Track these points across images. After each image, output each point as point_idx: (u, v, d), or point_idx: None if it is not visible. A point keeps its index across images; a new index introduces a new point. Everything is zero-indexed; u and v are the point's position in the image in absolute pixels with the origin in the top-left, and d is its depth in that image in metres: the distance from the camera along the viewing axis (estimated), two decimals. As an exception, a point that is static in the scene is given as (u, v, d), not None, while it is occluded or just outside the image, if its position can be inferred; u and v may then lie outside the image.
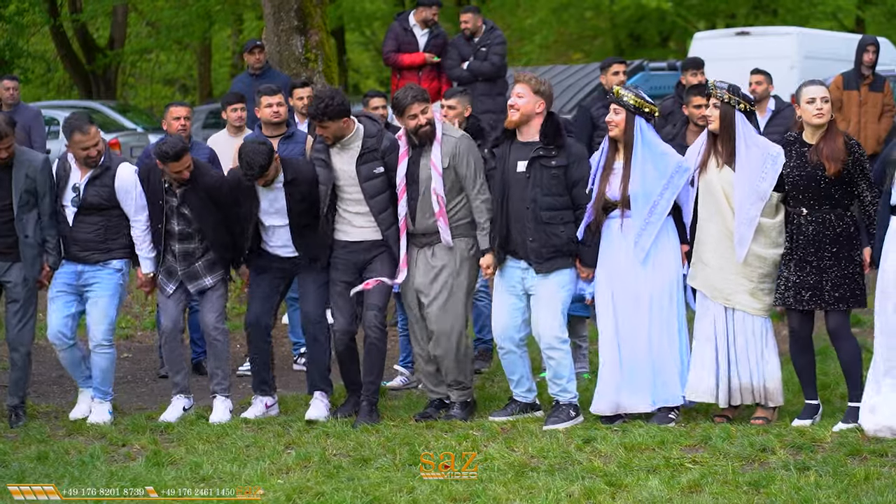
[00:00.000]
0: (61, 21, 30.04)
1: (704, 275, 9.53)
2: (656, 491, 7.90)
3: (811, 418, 9.42)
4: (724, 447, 8.74)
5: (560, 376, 9.75)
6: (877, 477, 8.04)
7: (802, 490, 7.80)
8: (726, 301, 9.46)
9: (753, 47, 21.79)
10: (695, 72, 14.33)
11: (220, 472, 8.61)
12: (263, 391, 10.32)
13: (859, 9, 34.07)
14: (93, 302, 10.11)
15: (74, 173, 10.05)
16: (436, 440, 9.22)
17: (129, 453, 9.26)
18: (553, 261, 9.65)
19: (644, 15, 34.10)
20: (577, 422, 9.66)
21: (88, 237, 10.03)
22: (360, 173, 9.90)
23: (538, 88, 9.68)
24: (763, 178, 9.32)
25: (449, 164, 9.80)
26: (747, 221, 9.32)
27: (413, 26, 15.72)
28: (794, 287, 9.31)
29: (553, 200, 9.63)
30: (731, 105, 9.39)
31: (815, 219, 9.28)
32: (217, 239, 10.15)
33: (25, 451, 9.27)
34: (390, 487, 8.15)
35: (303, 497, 8.02)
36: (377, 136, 9.99)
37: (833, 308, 9.27)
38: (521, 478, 8.29)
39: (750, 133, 9.43)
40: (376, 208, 9.92)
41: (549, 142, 9.66)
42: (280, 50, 15.06)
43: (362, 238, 10.02)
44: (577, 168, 9.66)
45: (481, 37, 15.80)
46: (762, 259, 9.40)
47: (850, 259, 9.27)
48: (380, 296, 9.98)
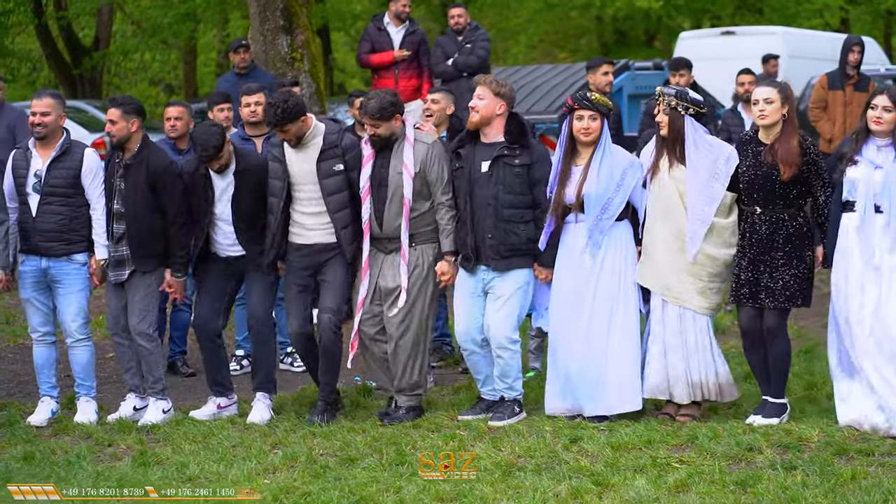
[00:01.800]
0: (46, 20, 29.95)
1: (654, 273, 9.60)
2: (643, 490, 7.90)
3: (762, 413, 9.54)
4: (710, 447, 8.75)
5: (507, 375, 9.84)
6: (863, 476, 8.06)
7: (789, 489, 7.81)
8: (676, 299, 9.54)
9: (739, 47, 21.84)
10: (682, 71, 14.35)
11: (206, 472, 8.60)
12: (217, 392, 10.29)
13: (843, 9, 34.10)
14: (64, 299, 10.08)
15: (35, 160, 10.00)
16: (423, 440, 9.21)
17: (115, 453, 9.23)
18: (510, 259, 9.73)
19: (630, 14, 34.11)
20: (521, 418, 9.77)
21: (51, 227, 9.95)
22: (320, 170, 9.89)
23: (498, 91, 9.77)
24: (716, 178, 9.43)
25: (420, 168, 9.81)
26: (700, 221, 9.42)
27: (387, 25, 15.75)
28: (747, 284, 9.44)
29: (514, 199, 9.70)
30: (678, 111, 9.51)
31: (769, 218, 9.41)
32: (137, 226, 9.98)
33: (11, 451, 9.25)
34: (377, 487, 8.15)
35: (290, 497, 8.01)
36: (338, 133, 9.99)
37: (781, 306, 9.41)
38: (509, 477, 8.29)
39: (700, 136, 9.53)
40: (332, 206, 9.90)
41: (514, 140, 9.74)
42: (266, 49, 15.08)
43: (315, 241, 10.01)
44: (540, 168, 9.74)
45: (466, 34, 15.84)
46: (713, 259, 9.49)
47: (802, 259, 9.41)
48: (333, 298, 9.97)
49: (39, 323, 10.16)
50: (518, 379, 9.86)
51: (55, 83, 32.84)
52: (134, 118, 9.94)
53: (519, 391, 9.87)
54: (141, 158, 9.92)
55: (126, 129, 9.94)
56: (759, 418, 9.42)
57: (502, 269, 9.72)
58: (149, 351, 10.08)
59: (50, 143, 10.01)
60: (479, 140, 9.85)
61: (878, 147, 9.22)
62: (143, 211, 9.94)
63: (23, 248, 10.10)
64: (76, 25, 32.84)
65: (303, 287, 10.06)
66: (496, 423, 9.65)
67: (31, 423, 10.03)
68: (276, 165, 9.99)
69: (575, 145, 9.70)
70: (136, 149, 9.96)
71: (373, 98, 9.86)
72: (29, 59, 33.15)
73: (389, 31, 15.69)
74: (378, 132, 9.81)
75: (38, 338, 10.21)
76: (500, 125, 9.79)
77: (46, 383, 10.25)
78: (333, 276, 9.98)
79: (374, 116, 9.77)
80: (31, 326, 10.25)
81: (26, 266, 10.09)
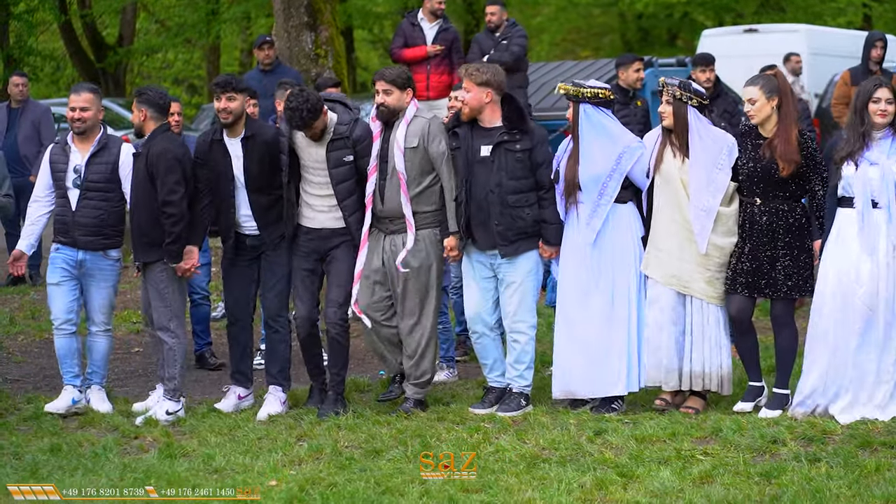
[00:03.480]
0: (70, 18, 30.07)
1: (659, 262, 9.67)
2: (668, 482, 7.93)
3: (755, 399, 9.64)
4: (734, 439, 8.76)
5: (521, 361, 9.91)
6: (887, 468, 8.08)
7: (814, 481, 7.83)
8: (683, 288, 9.61)
9: (761, 44, 21.80)
10: (704, 68, 14.36)
11: (232, 463, 8.64)
12: (238, 381, 10.34)
13: (865, 6, 34.04)
14: (95, 291, 10.17)
15: (74, 155, 10.10)
16: (447, 432, 9.24)
17: (141, 445, 9.28)
18: (518, 243, 9.81)
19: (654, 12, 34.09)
20: (527, 410, 9.81)
21: (90, 221, 10.04)
22: (330, 160, 9.93)
23: (480, 80, 9.85)
24: (719, 168, 9.52)
25: (419, 143, 9.86)
26: (706, 212, 9.49)
27: (421, 20, 15.70)
28: (746, 274, 9.51)
29: (518, 184, 9.77)
30: (682, 101, 9.59)
31: (769, 209, 9.50)
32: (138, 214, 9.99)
33: (38, 443, 9.29)
34: (402, 479, 8.18)
35: (315, 488, 8.05)
36: (349, 124, 10.00)
37: (784, 296, 9.49)
38: (533, 469, 8.33)
39: (703, 126, 9.63)
40: (342, 195, 9.95)
41: (514, 126, 9.81)
42: (290, 46, 15.09)
43: (323, 225, 10.05)
44: (541, 150, 9.84)
45: (503, 31, 15.80)
46: (719, 248, 9.57)
47: (802, 248, 9.51)
48: (340, 291, 10.00)
49: (62, 311, 10.18)
50: (530, 368, 9.93)
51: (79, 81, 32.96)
52: (144, 108, 9.96)
53: (528, 381, 9.94)
54: (147, 147, 9.94)
55: (138, 118, 10.00)
56: (764, 410, 9.46)
57: (511, 253, 9.80)
58: (168, 346, 10.05)
59: (88, 137, 10.10)
60: (476, 123, 9.93)
61: (874, 141, 9.26)
62: (144, 198, 9.92)
63: (59, 240, 10.17)
64: (100, 24, 32.96)
65: (310, 271, 10.12)
66: (502, 415, 9.71)
67: (48, 409, 10.10)
68: (285, 141, 10.04)
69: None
70: (146, 138, 10.00)
71: (390, 68, 10.05)
72: (53, 57, 33.25)
73: (423, 27, 15.66)
74: (388, 101, 9.88)
75: (58, 325, 10.22)
76: (493, 111, 9.88)
77: (69, 372, 10.28)
78: (339, 269, 10.03)
79: (389, 80, 9.86)
80: (53, 314, 10.28)
81: (61, 253, 10.15)
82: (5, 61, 27.25)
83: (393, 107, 9.90)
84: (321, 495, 7.88)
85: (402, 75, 9.95)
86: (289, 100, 9.81)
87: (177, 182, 9.84)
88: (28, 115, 15.38)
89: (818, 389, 9.32)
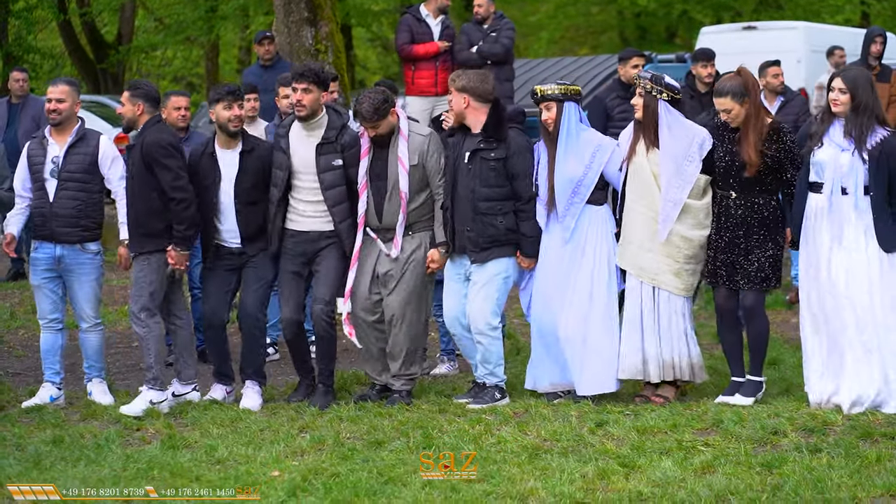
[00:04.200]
0: (69, 16, 30.07)
1: (631, 254, 9.77)
2: (670, 472, 7.95)
3: (734, 394, 9.71)
4: (735, 430, 8.79)
5: (488, 361, 9.96)
6: (888, 459, 8.10)
7: (815, 471, 7.86)
8: (652, 280, 9.71)
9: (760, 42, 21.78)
10: (706, 63, 14.36)
11: (235, 454, 8.66)
12: (222, 381, 10.37)
13: (864, 3, 34.07)
14: (78, 287, 10.19)
15: (52, 147, 10.14)
16: (449, 424, 9.27)
17: (143, 437, 9.30)
18: (489, 251, 9.86)
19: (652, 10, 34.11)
20: (503, 403, 9.87)
21: (68, 212, 10.05)
22: (319, 163, 9.96)
23: (458, 86, 9.91)
24: (689, 161, 9.61)
25: (418, 161, 9.91)
26: (673, 203, 9.60)
27: (426, 17, 15.67)
28: (723, 266, 9.63)
29: (490, 192, 9.81)
30: (653, 94, 9.66)
31: (744, 202, 9.61)
32: (135, 205, 9.97)
33: (40, 435, 9.31)
34: (404, 469, 8.21)
35: (318, 478, 8.06)
36: (339, 129, 10.03)
37: (755, 288, 9.62)
38: (535, 459, 8.35)
39: (674, 119, 9.70)
40: (332, 200, 9.98)
41: (490, 134, 9.82)
42: (290, 41, 15.10)
43: (311, 228, 10.09)
44: (518, 160, 9.84)
45: (491, 23, 15.80)
46: (688, 240, 9.66)
47: (775, 241, 9.64)
48: (327, 289, 10.07)
49: (49, 310, 10.27)
50: (499, 365, 9.98)
51: (78, 79, 32.97)
52: (140, 102, 9.97)
53: (500, 377, 10.00)
54: (141, 139, 9.93)
55: (132, 111, 10.00)
56: (738, 397, 9.61)
57: (481, 260, 9.87)
58: (139, 336, 10.06)
59: (65, 129, 10.16)
60: (469, 131, 9.98)
61: (843, 128, 9.36)
62: (140, 189, 9.91)
63: (37, 235, 10.20)
64: (98, 22, 32.95)
65: (296, 274, 10.17)
66: (474, 407, 9.77)
67: (24, 406, 10.15)
68: (280, 156, 10.06)
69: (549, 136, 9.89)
70: (139, 130, 9.99)
71: (363, 101, 9.86)
72: (51, 55, 33.24)
73: (429, 23, 15.63)
74: (378, 132, 9.89)
75: (45, 324, 10.32)
76: (475, 117, 9.91)
77: (50, 369, 10.33)
78: (327, 267, 10.08)
79: (370, 119, 9.82)
80: (39, 313, 10.37)
81: (39, 252, 10.20)
82: (4, 59, 27.25)
83: (386, 133, 9.91)
84: (324, 485, 7.90)
85: (379, 108, 9.80)
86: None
87: (179, 167, 9.88)
88: (28, 110, 15.37)
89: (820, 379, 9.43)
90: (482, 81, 9.93)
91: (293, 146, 10.04)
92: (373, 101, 9.80)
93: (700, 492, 7.57)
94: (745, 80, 9.61)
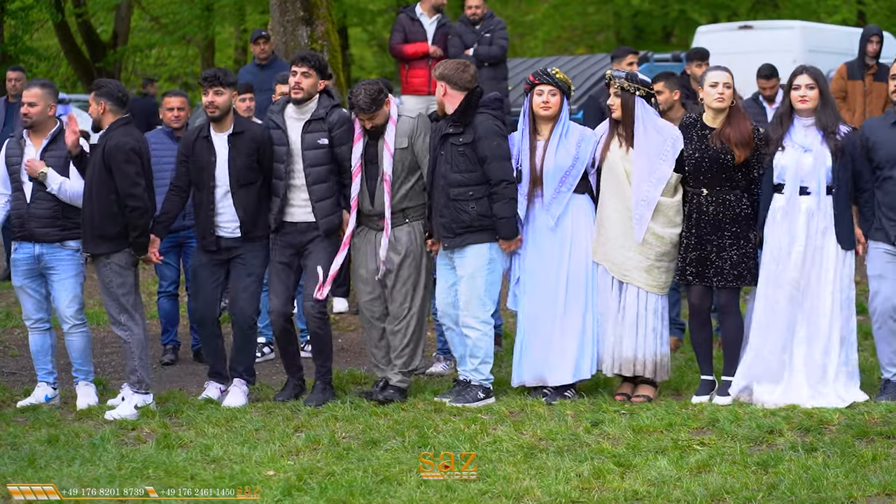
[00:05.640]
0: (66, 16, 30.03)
1: (604, 250, 9.82)
2: (665, 470, 7.95)
3: (707, 394, 9.78)
4: (731, 429, 8.79)
5: (474, 356, 9.97)
6: (884, 457, 8.11)
7: (811, 469, 7.85)
8: (623, 276, 9.77)
9: (756, 41, 21.79)
10: (700, 62, 14.38)
11: (230, 453, 8.65)
12: (217, 379, 10.40)
13: (860, 2, 34.09)
14: (58, 285, 10.11)
15: (29, 148, 10.08)
16: (444, 423, 9.26)
17: (139, 436, 9.29)
18: (463, 237, 9.86)
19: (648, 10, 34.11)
20: (488, 402, 9.85)
21: (46, 213, 9.99)
22: (304, 140, 10.01)
23: (437, 74, 10.00)
24: (663, 160, 9.67)
25: (408, 143, 9.96)
26: (646, 202, 9.66)
27: (420, 16, 15.65)
28: (695, 264, 9.68)
29: (461, 177, 9.82)
30: (630, 92, 9.72)
31: (715, 199, 9.67)
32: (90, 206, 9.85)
33: (36, 434, 9.31)
34: (400, 468, 8.20)
35: (314, 477, 8.06)
36: (327, 108, 10.07)
37: (730, 285, 9.66)
38: (531, 459, 8.34)
39: (649, 117, 9.76)
40: (311, 178, 10.01)
41: (457, 119, 9.84)
42: (286, 40, 15.08)
43: (299, 219, 10.11)
44: (485, 144, 9.82)
45: (483, 24, 15.80)
46: (660, 238, 9.72)
47: (747, 238, 9.69)
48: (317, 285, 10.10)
49: (32, 310, 10.23)
50: (486, 363, 9.98)
51: (74, 79, 32.96)
52: (103, 101, 9.88)
53: (485, 375, 9.98)
54: (104, 140, 9.84)
55: (96, 111, 9.91)
56: (716, 397, 9.65)
57: (456, 246, 9.87)
58: (123, 340, 9.99)
59: (41, 131, 10.10)
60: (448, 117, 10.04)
61: (805, 128, 9.46)
62: (97, 191, 9.80)
63: (17, 236, 10.15)
64: (94, 21, 32.93)
65: (285, 265, 10.19)
66: (455, 405, 9.78)
67: (19, 406, 10.14)
68: (277, 133, 10.10)
69: (536, 121, 9.89)
70: (104, 131, 9.90)
71: (359, 92, 9.89)
72: (47, 56, 33.22)
73: (423, 22, 15.60)
74: (375, 123, 9.93)
75: (31, 325, 10.28)
76: (453, 105, 9.94)
77: (43, 369, 10.32)
78: (316, 261, 10.08)
79: (368, 110, 9.85)
80: (24, 314, 10.33)
81: (19, 253, 10.14)
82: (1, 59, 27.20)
83: (383, 123, 9.96)
84: (319, 484, 7.89)
85: (376, 98, 9.85)
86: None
87: (137, 174, 9.77)
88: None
89: (752, 373, 9.60)
90: (461, 70, 9.99)
91: (290, 125, 10.10)
92: (369, 92, 9.83)
93: (696, 491, 7.57)
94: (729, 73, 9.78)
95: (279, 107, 10.21)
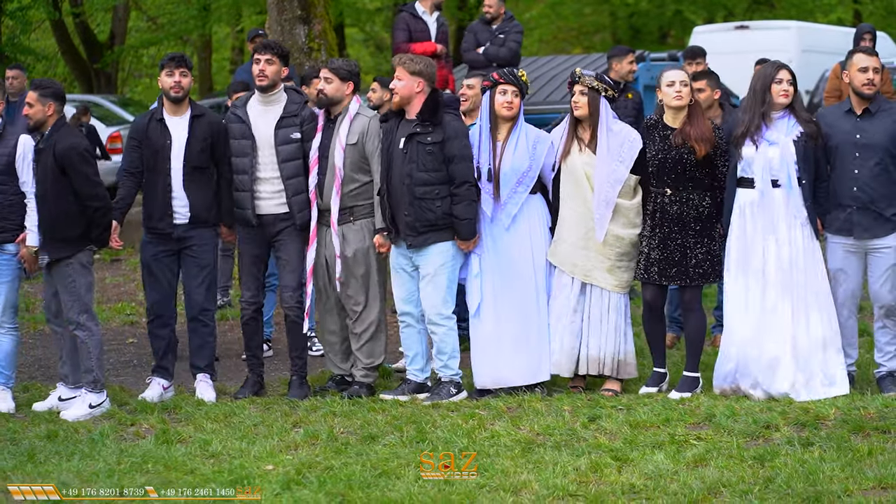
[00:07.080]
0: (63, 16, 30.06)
1: (564, 251, 9.90)
2: (662, 465, 7.99)
3: (658, 385, 9.95)
4: (728, 424, 8.82)
5: (442, 352, 10.02)
6: (880, 452, 8.14)
7: (807, 463, 7.89)
8: (585, 277, 9.86)
9: (752, 41, 21.86)
10: (692, 61, 14.38)
11: (229, 448, 8.68)
12: (161, 374, 10.38)
13: (856, 2, 34.17)
14: None
15: None
16: (442, 419, 9.29)
17: (137, 432, 9.31)
18: (427, 235, 9.90)
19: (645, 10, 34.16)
20: (461, 397, 9.95)
21: None
22: (277, 136, 10.10)
23: (413, 69, 9.96)
24: (620, 161, 9.74)
25: (358, 140, 10.04)
26: (605, 203, 9.72)
27: (422, 13, 15.63)
28: (657, 263, 9.77)
29: (427, 176, 9.86)
30: (597, 91, 9.79)
31: (679, 199, 9.75)
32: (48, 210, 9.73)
33: (35, 430, 9.33)
34: (398, 462, 8.24)
35: (312, 471, 8.09)
36: (299, 104, 10.23)
37: (693, 283, 9.78)
38: (529, 453, 8.38)
39: (611, 118, 9.84)
40: (286, 172, 10.10)
41: (426, 118, 9.88)
42: (283, 39, 15.09)
43: (267, 212, 10.18)
44: (454, 144, 9.87)
45: (500, 24, 15.78)
46: (620, 239, 9.80)
47: (711, 237, 9.79)
48: (293, 275, 10.21)
49: None
50: (454, 358, 10.03)
51: (71, 79, 32.98)
52: (50, 101, 9.77)
53: (454, 370, 10.05)
54: (51, 141, 9.72)
55: (42, 112, 9.76)
56: (673, 392, 9.75)
57: (419, 245, 9.91)
58: (80, 340, 9.87)
59: None
60: (403, 116, 10.05)
61: (772, 121, 9.53)
62: (53, 194, 9.69)
63: None
64: (91, 21, 32.94)
65: (255, 257, 10.31)
66: (426, 404, 9.84)
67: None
68: (240, 126, 10.19)
69: (505, 120, 9.94)
70: (48, 132, 9.78)
71: (339, 59, 10.27)
72: (44, 56, 33.22)
73: (426, 19, 15.59)
74: (326, 89, 10.06)
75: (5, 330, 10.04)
76: (420, 103, 9.96)
77: (3, 374, 10.09)
78: (288, 253, 10.20)
79: (331, 68, 10.09)
80: None
81: None
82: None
83: (330, 95, 10.07)
84: (318, 479, 7.92)
85: (344, 67, 10.10)
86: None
87: (95, 174, 9.78)
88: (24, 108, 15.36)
89: (735, 368, 9.64)
90: (432, 66, 10.09)
91: (255, 121, 10.18)
92: (346, 61, 10.23)
93: (692, 484, 7.60)
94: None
95: (242, 102, 10.32)
